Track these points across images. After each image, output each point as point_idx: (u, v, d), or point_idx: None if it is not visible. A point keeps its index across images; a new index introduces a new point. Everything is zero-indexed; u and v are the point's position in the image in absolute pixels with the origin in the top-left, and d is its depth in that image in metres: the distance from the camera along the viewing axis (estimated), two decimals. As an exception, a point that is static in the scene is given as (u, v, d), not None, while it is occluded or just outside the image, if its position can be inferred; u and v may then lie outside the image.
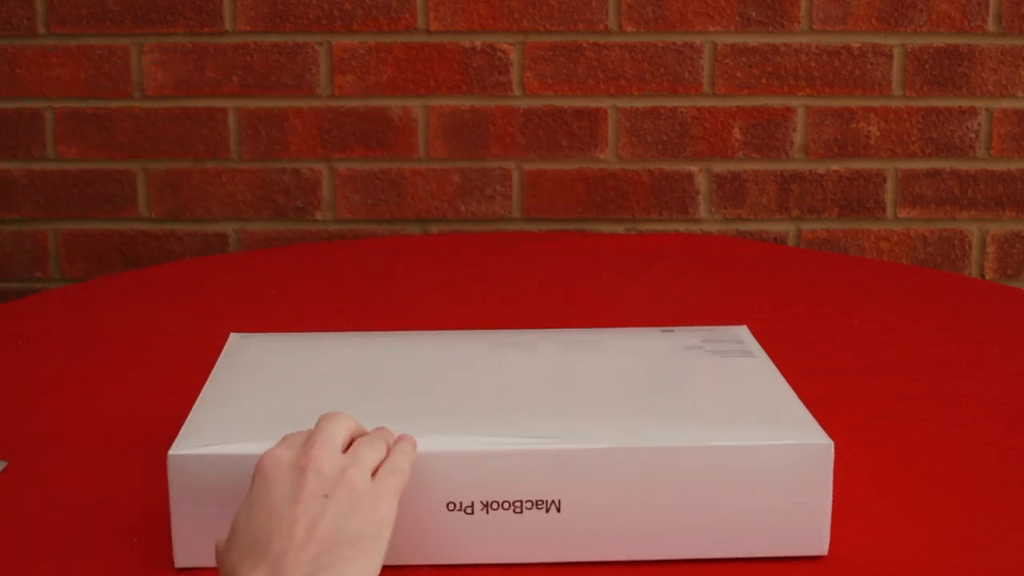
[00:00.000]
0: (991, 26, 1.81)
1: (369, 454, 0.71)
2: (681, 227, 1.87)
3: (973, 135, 1.84)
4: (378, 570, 0.67)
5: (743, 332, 0.97)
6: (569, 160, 1.85)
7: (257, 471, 0.68)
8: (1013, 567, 0.77)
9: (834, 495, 0.77)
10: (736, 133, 1.84)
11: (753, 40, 1.82)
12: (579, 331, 0.98)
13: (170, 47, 1.82)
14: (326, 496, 0.66)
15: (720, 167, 1.86)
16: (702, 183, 1.86)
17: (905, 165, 1.85)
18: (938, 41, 1.81)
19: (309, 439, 0.70)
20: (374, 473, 0.70)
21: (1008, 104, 1.83)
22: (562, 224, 1.87)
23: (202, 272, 1.47)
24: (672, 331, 0.97)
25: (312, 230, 1.88)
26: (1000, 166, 1.85)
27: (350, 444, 0.72)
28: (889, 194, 1.86)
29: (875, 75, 1.83)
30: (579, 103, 1.84)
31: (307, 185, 1.86)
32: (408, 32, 1.82)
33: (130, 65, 1.82)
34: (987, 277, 1.88)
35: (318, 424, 0.72)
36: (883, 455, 0.93)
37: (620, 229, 1.87)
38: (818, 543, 0.77)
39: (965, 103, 1.83)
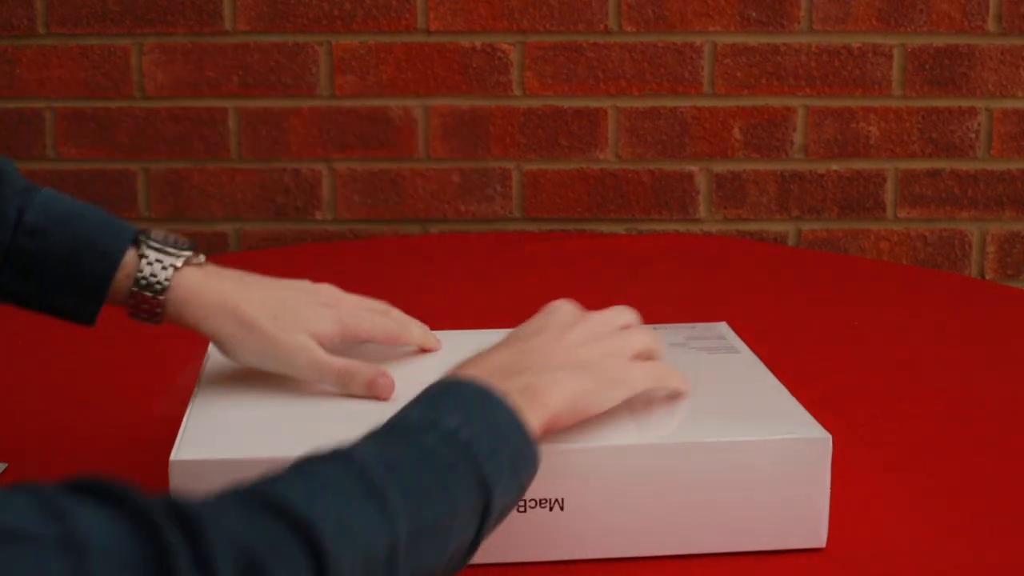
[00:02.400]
0: (991, 26, 1.81)
1: (637, 340, 0.79)
2: (681, 227, 1.87)
3: (973, 135, 1.84)
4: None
5: (724, 328, 0.98)
6: (569, 160, 1.86)
7: (544, 308, 0.79)
8: (1013, 566, 0.77)
9: (833, 494, 0.77)
10: (736, 133, 1.85)
11: (753, 40, 1.82)
12: None
13: (170, 47, 1.82)
14: (594, 341, 0.76)
15: (720, 167, 1.86)
16: (702, 183, 1.86)
17: (905, 165, 1.85)
18: (938, 41, 1.82)
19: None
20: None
21: (1008, 104, 1.83)
22: (562, 224, 1.87)
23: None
24: (655, 329, 0.98)
25: (312, 230, 1.88)
26: (1000, 166, 1.85)
27: None
28: (889, 194, 1.86)
29: (875, 75, 1.83)
30: (579, 103, 1.84)
31: (307, 185, 1.86)
32: (408, 32, 1.82)
33: (130, 65, 1.82)
34: (987, 277, 1.88)
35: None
36: (883, 455, 0.93)
37: (620, 229, 1.87)
38: (816, 536, 0.77)
39: (965, 103, 1.83)
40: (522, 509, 0.75)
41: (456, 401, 0.67)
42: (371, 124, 1.85)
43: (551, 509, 0.75)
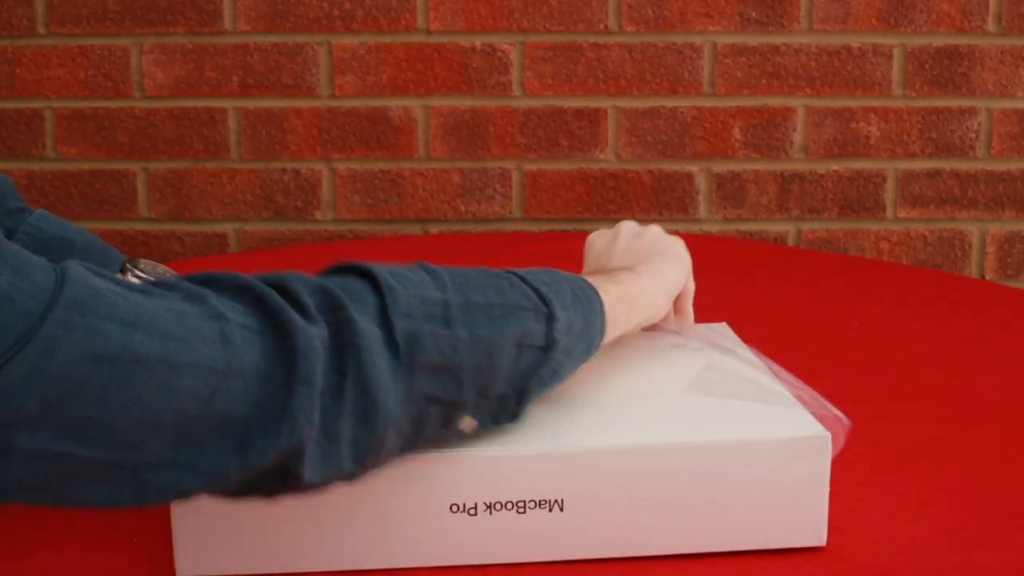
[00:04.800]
0: (991, 26, 1.81)
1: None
2: (681, 227, 1.87)
3: (973, 135, 1.84)
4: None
5: (724, 328, 0.98)
6: (569, 160, 1.86)
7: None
8: (1013, 567, 0.77)
9: (833, 494, 0.77)
10: (736, 133, 1.85)
11: (753, 40, 1.82)
12: None
13: (170, 47, 1.82)
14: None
15: (720, 167, 1.86)
16: (702, 183, 1.86)
17: (905, 165, 1.85)
18: (938, 41, 1.82)
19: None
20: None
21: (1008, 104, 1.83)
22: (562, 224, 1.87)
23: (202, 272, 1.47)
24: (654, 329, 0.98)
25: (312, 230, 1.88)
26: (1000, 166, 1.85)
27: None
28: (889, 194, 1.87)
29: (875, 75, 1.83)
30: (579, 103, 1.84)
31: (307, 185, 1.86)
32: (408, 32, 1.82)
33: (130, 65, 1.82)
34: (987, 277, 1.88)
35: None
36: (883, 455, 0.93)
37: (620, 229, 1.87)
38: (816, 535, 0.77)
39: (965, 103, 1.83)
40: (522, 509, 0.75)
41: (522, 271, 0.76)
42: (371, 124, 1.85)
43: (551, 509, 0.75)
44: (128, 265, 0.88)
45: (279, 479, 0.62)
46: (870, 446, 0.94)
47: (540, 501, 0.75)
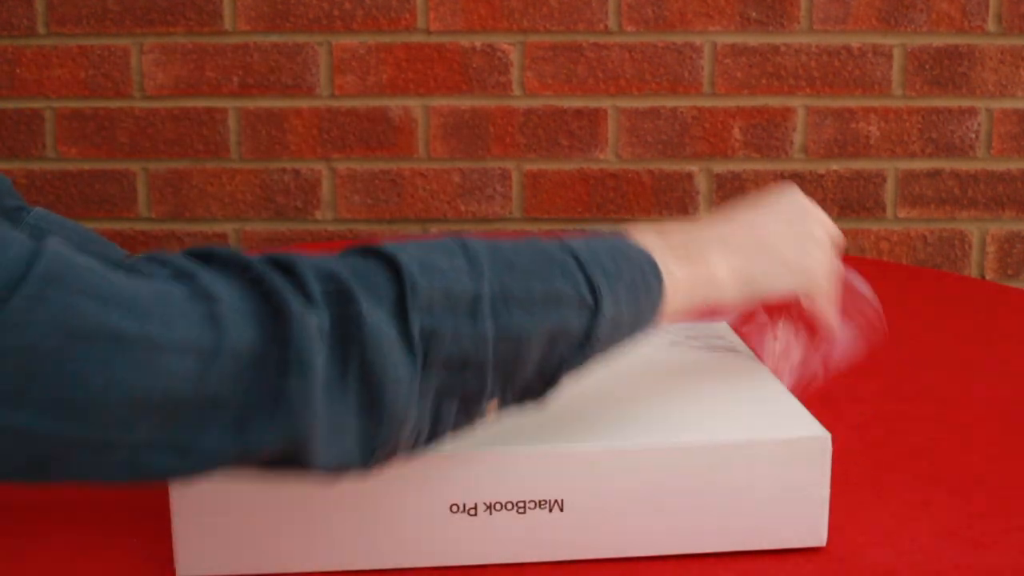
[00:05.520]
0: (991, 26, 1.81)
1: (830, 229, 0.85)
2: (681, 227, 1.87)
3: (973, 135, 1.84)
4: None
5: (724, 328, 0.98)
6: (569, 160, 1.86)
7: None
8: (1013, 567, 0.77)
9: (833, 494, 0.77)
10: (736, 133, 1.85)
11: (753, 40, 1.82)
12: None
13: (170, 47, 1.82)
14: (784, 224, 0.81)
15: (720, 167, 1.86)
16: (702, 183, 1.86)
17: (905, 165, 1.86)
18: (938, 41, 1.82)
19: None
20: None
21: (1008, 104, 1.83)
22: (562, 224, 1.87)
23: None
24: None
25: (312, 230, 1.88)
26: (1000, 166, 1.85)
27: None
28: (889, 194, 1.87)
29: (875, 75, 1.83)
30: (579, 103, 1.84)
31: (307, 185, 1.86)
32: (408, 32, 1.82)
33: (130, 65, 1.83)
34: (987, 277, 1.88)
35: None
36: (883, 455, 0.93)
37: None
38: (816, 535, 0.77)
39: (965, 103, 1.83)
40: (522, 509, 0.75)
41: (589, 237, 0.71)
42: (371, 124, 1.85)
43: (551, 509, 0.75)
44: (127, 261, 0.88)
45: (289, 464, 0.61)
46: (870, 446, 0.94)
47: (540, 501, 0.75)
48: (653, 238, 0.74)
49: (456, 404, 0.65)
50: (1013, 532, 0.81)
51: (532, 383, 0.67)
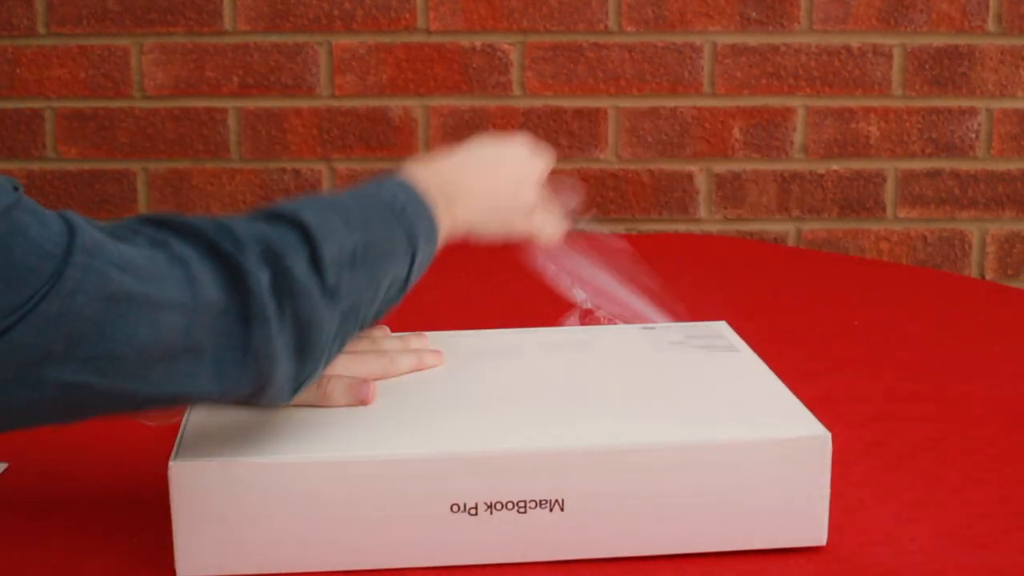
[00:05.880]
0: (991, 26, 1.81)
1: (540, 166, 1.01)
2: (681, 227, 1.87)
3: (973, 135, 1.84)
4: None
5: (724, 328, 0.98)
6: (569, 160, 1.86)
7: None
8: (1013, 567, 0.77)
9: (833, 494, 0.77)
10: (736, 133, 1.85)
11: (753, 40, 1.82)
12: (562, 330, 1.00)
13: (170, 47, 1.82)
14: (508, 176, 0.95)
15: (720, 167, 1.86)
16: (702, 183, 1.86)
17: (905, 165, 1.86)
18: (938, 41, 1.82)
19: None
20: None
21: (1008, 104, 1.83)
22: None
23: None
24: (653, 328, 0.98)
25: (312, 230, 1.88)
26: (1000, 166, 1.85)
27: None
28: (889, 194, 1.87)
29: (875, 75, 1.83)
30: (579, 103, 1.84)
31: (307, 185, 1.86)
32: (408, 32, 1.82)
33: (130, 65, 1.83)
34: (987, 277, 1.88)
35: None
36: (883, 455, 0.93)
37: (620, 229, 1.87)
38: (817, 534, 0.77)
39: (965, 103, 1.83)
40: (522, 509, 0.75)
41: (394, 179, 0.81)
42: (371, 124, 1.85)
43: (551, 509, 0.75)
44: None
45: (246, 402, 0.72)
46: (870, 446, 0.94)
47: (540, 501, 0.75)
48: (428, 186, 0.82)
49: (340, 343, 0.74)
50: (1013, 532, 0.81)
51: (370, 323, 0.78)
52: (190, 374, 0.65)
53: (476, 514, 0.75)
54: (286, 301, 0.68)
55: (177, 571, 0.75)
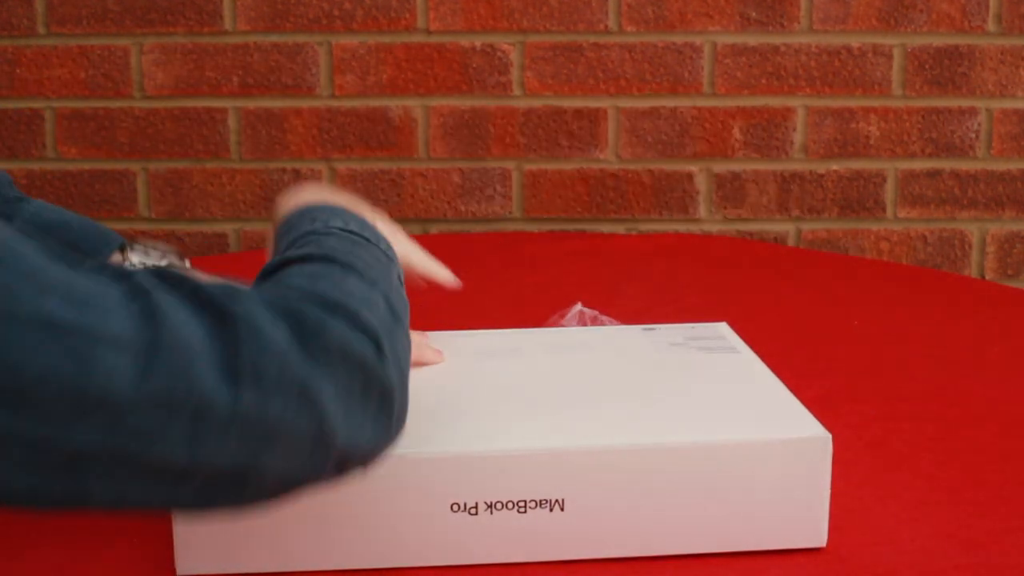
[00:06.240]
0: (991, 26, 1.81)
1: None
2: (681, 227, 1.87)
3: (973, 135, 1.84)
4: None
5: (724, 328, 0.98)
6: (569, 160, 1.86)
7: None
8: (1013, 567, 0.77)
9: (834, 494, 0.77)
10: (736, 133, 1.85)
11: (753, 40, 1.82)
12: (562, 330, 1.00)
13: (170, 47, 1.82)
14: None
15: (720, 167, 1.86)
16: (702, 183, 1.86)
17: (905, 165, 1.86)
18: (938, 41, 1.82)
19: None
20: None
21: (1008, 104, 1.83)
22: (562, 224, 1.87)
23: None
24: (654, 329, 0.98)
25: (312, 230, 1.88)
26: (1000, 166, 1.85)
27: None
28: (889, 194, 1.87)
29: (875, 75, 1.83)
30: (579, 103, 1.84)
31: (307, 185, 1.86)
32: (408, 32, 1.82)
33: (130, 65, 1.83)
34: (987, 277, 1.88)
35: None
36: (883, 455, 0.93)
37: (620, 229, 1.87)
38: (817, 535, 0.77)
39: (965, 103, 1.83)
40: (522, 509, 0.75)
41: (334, 211, 0.82)
42: (371, 124, 1.85)
43: (551, 509, 0.75)
44: (127, 244, 0.88)
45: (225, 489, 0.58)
46: (870, 446, 0.94)
47: (540, 501, 0.75)
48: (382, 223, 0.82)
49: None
50: (1013, 532, 0.81)
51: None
52: (144, 433, 0.53)
53: (476, 514, 0.75)
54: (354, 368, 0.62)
55: (177, 571, 0.75)
